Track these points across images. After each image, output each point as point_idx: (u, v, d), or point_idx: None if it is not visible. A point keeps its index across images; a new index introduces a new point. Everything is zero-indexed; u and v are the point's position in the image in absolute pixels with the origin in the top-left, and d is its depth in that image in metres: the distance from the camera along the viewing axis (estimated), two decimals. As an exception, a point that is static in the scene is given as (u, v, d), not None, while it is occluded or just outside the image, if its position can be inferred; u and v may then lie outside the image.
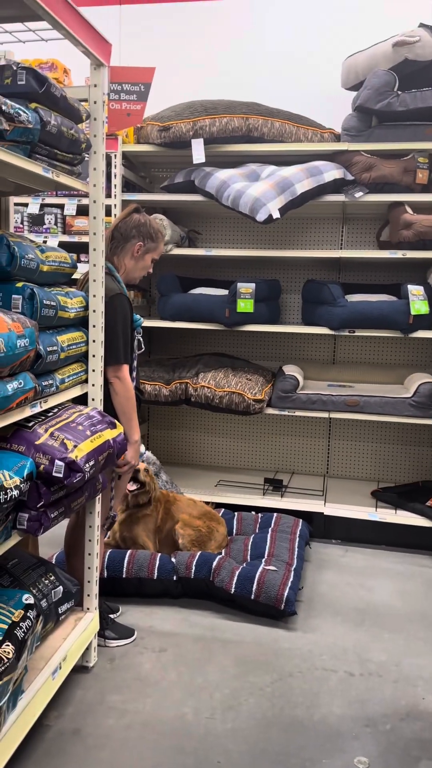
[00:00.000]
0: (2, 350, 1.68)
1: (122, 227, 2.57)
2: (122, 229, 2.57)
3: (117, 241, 2.57)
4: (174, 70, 4.31)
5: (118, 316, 2.44)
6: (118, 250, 2.59)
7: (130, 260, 2.61)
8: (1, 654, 1.66)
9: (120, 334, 2.44)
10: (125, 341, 2.46)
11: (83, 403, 2.41)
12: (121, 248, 2.58)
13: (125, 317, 2.47)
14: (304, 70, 4.20)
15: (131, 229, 2.56)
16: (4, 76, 1.93)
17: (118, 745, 2.11)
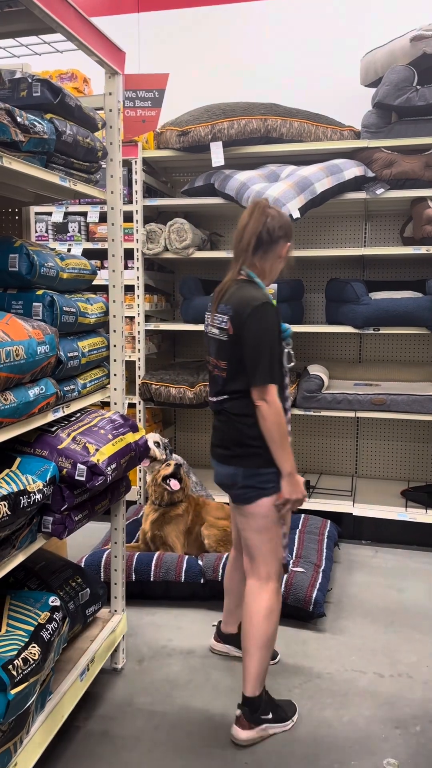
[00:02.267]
0: (23, 357, 1.72)
1: (270, 229, 2.18)
2: (270, 231, 2.18)
3: (264, 245, 2.19)
4: (193, 74, 4.34)
5: (264, 329, 2.08)
6: (263, 253, 2.21)
7: (278, 262, 2.26)
8: (27, 655, 1.69)
9: (267, 350, 2.07)
10: (272, 357, 2.08)
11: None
12: (268, 251, 2.21)
13: (273, 329, 2.10)
14: (323, 69, 4.19)
15: (278, 229, 2.20)
16: (19, 89, 1.97)
17: (146, 747, 2.13)
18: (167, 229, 3.88)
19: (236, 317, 2.10)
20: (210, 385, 2.29)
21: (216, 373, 2.22)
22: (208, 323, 2.24)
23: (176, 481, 3.18)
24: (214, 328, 2.19)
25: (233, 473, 2.18)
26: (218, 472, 2.25)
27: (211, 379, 2.28)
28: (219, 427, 2.24)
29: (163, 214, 4.36)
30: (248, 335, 2.08)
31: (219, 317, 2.17)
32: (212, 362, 2.23)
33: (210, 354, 2.25)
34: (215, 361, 2.21)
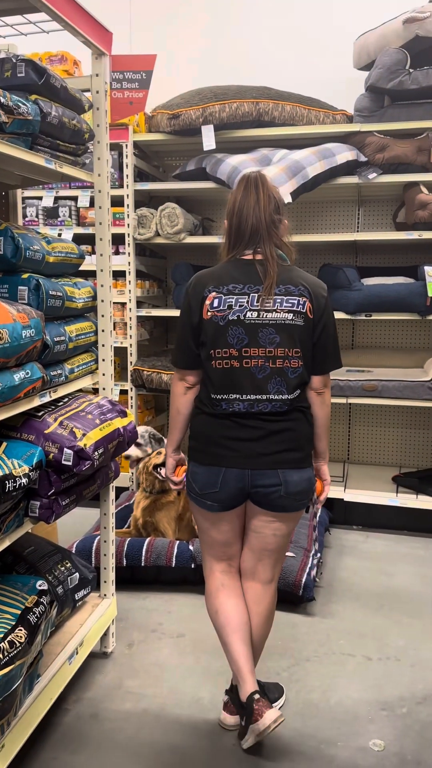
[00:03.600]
0: (7, 340, 1.71)
1: (279, 201, 2.00)
2: (279, 204, 2.00)
3: (277, 220, 1.98)
4: (185, 56, 4.29)
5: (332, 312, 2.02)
6: (281, 232, 2.00)
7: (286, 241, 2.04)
8: (14, 638, 1.70)
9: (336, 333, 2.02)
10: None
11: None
12: (279, 228, 1.99)
13: None
14: (315, 51, 4.14)
15: (280, 204, 2.00)
16: (3, 69, 1.94)
17: (135, 729, 2.14)
18: (158, 213, 3.85)
19: (316, 300, 1.93)
20: (258, 384, 1.90)
21: (279, 365, 1.90)
22: (251, 308, 1.89)
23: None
24: (276, 312, 1.89)
25: (311, 476, 2.01)
26: (293, 481, 1.94)
27: (260, 375, 1.90)
28: (289, 428, 1.93)
29: (155, 199, 4.32)
30: (329, 319, 1.97)
31: (288, 300, 1.90)
32: (265, 352, 1.89)
33: (253, 343, 1.89)
34: (279, 350, 1.89)
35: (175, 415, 2.07)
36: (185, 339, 1.98)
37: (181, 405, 2.05)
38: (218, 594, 2.07)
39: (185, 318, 1.98)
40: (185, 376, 2.02)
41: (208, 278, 1.96)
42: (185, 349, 1.98)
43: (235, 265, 1.96)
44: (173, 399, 2.05)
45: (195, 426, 2.02)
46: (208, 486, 1.97)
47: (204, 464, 1.97)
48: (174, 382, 2.05)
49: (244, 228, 1.95)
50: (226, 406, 1.93)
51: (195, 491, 2.01)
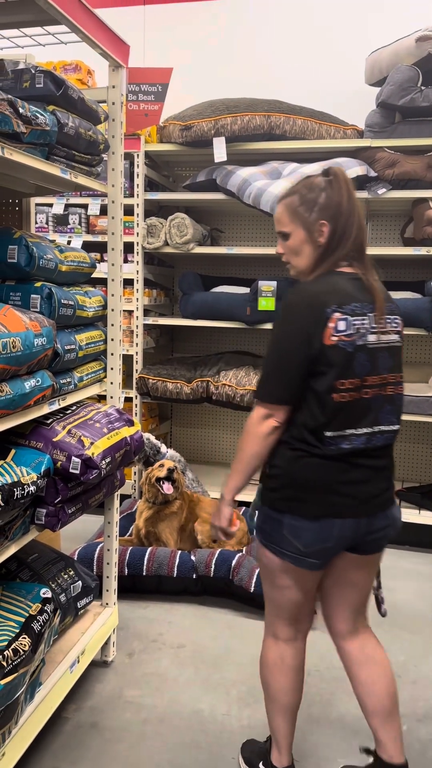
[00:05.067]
0: (20, 349, 1.72)
1: None
2: None
3: None
4: (197, 68, 4.32)
5: None
6: None
7: None
8: (18, 646, 1.70)
9: None
10: None
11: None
12: None
13: None
14: (327, 66, 4.18)
15: None
16: (22, 80, 1.96)
17: (134, 739, 2.14)
18: (168, 223, 3.87)
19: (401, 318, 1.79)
20: (373, 415, 1.68)
21: (389, 392, 1.71)
22: (371, 330, 1.66)
23: (169, 484, 3.18)
24: (388, 334, 1.70)
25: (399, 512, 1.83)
26: (397, 517, 1.79)
27: (374, 405, 1.68)
28: (389, 462, 1.75)
29: (164, 209, 4.35)
30: None
31: (394, 319, 1.73)
32: (380, 379, 1.69)
33: (374, 371, 1.67)
34: (390, 376, 1.72)
35: (248, 459, 1.71)
36: (289, 369, 1.63)
37: (263, 448, 1.69)
38: (274, 669, 1.84)
39: (295, 344, 1.61)
40: (277, 412, 1.66)
41: (327, 295, 1.62)
42: (287, 380, 1.63)
43: (344, 279, 1.67)
44: (251, 440, 1.68)
45: (300, 472, 1.67)
46: (319, 542, 1.67)
47: (314, 518, 1.65)
48: (256, 420, 1.67)
49: (349, 235, 1.69)
50: (342, 444, 1.64)
51: (295, 550, 1.68)
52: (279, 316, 1.67)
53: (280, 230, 1.76)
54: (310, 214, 1.69)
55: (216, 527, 1.80)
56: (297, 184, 1.74)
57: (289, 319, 1.65)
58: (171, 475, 3.18)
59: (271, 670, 1.84)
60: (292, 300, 1.66)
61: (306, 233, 1.71)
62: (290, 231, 1.73)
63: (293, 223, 1.72)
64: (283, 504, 1.69)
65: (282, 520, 1.69)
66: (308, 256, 1.73)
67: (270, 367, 1.67)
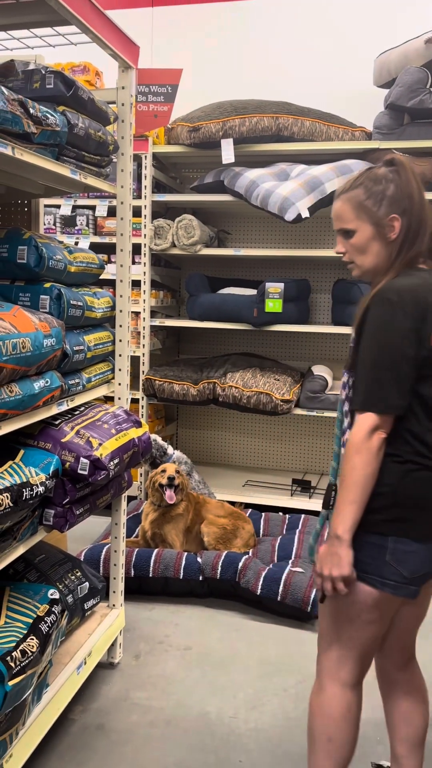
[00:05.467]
0: (29, 349, 1.72)
1: None
2: None
3: None
4: (205, 70, 4.33)
5: None
6: None
7: None
8: (26, 647, 1.69)
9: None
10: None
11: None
12: None
13: None
14: (336, 68, 4.17)
15: None
16: (33, 80, 1.96)
17: (141, 742, 2.13)
18: (175, 225, 3.87)
19: None
20: None
21: None
22: None
23: (171, 492, 3.17)
24: None
25: None
26: None
27: None
28: None
29: (172, 210, 4.35)
30: None
31: None
32: None
33: None
34: None
35: (364, 482, 1.46)
36: (402, 370, 1.45)
37: (375, 466, 1.47)
38: (342, 722, 1.60)
39: (405, 342, 1.44)
40: (385, 423, 1.47)
41: (421, 288, 1.50)
42: (402, 384, 1.45)
43: (428, 273, 1.55)
44: (364, 459, 1.45)
45: (410, 489, 1.50)
46: (425, 566, 1.50)
47: (423, 539, 1.49)
48: (364, 435, 1.45)
49: (424, 229, 1.55)
50: None
51: (399, 577, 1.49)
52: (374, 316, 1.47)
53: (342, 227, 1.59)
54: (379, 208, 1.53)
55: (334, 578, 1.48)
56: (359, 176, 1.57)
57: (394, 316, 1.44)
58: (172, 482, 3.17)
59: (339, 723, 1.59)
60: (390, 296, 1.46)
61: (375, 229, 1.55)
62: (355, 228, 1.56)
63: (359, 219, 1.56)
64: (387, 526, 1.49)
65: (385, 546, 1.49)
66: (377, 254, 1.56)
67: (380, 370, 1.45)
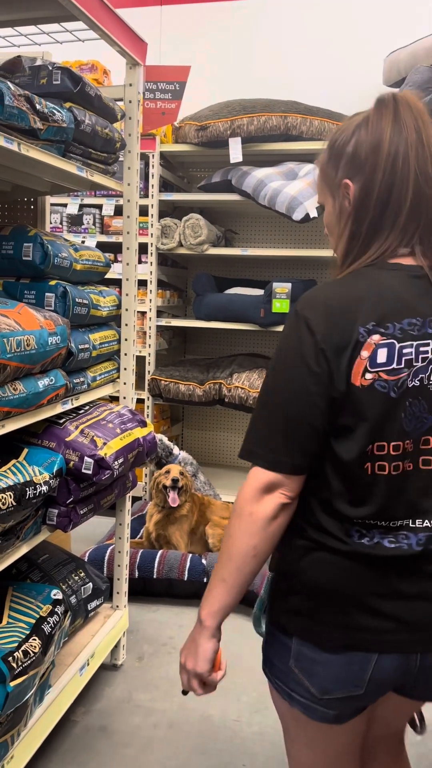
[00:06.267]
0: (33, 347, 1.70)
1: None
2: None
3: None
4: (213, 69, 4.31)
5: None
6: None
7: None
8: (28, 648, 1.68)
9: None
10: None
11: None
12: None
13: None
14: (345, 67, 4.15)
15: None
16: (40, 76, 1.95)
17: (144, 744, 2.11)
18: (182, 224, 3.85)
19: None
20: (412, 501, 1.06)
21: None
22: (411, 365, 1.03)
23: (175, 495, 3.15)
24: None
25: None
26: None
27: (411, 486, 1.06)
28: None
29: (179, 209, 4.33)
30: None
31: None
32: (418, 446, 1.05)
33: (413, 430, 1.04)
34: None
35: (240, 561, 1.08)
36: (299, 419, 1.04)
37: (263, 540, 1.06)
38: None
39: (305, 380, 1.03)
40: (284, 484, 1.05)
41: (359, 304, 1.03)
42: (296, 437, 1.04)
43: (396, 277, 1.05)
44: (243, 529, 1.07)
45: (311, 573, 1.09)
46: (341, 686, 1.08)
47: (334, 648, 1.07)
48: (251, 495, 1.06)
49: (400, 199, 1.04)
50: (384, 540, 1.06)
51: (308, 694, 1.11)
52: (281, 336, 1.08)
53: (318, 200, 1.21)
54: (336, 172, 1.11)
55: (190, 672, 1.15)
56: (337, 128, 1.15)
57: (296, 341, 1.04)
58: (176, 484, 3.15)
59: None
60: (300, 312, 1.05)
61: (333, 202, 1.13)
62: (322, 201, 1.18)
63: (323, 189, 1.16)
64: (290, 620, 1.12)
65: (289, 646, 1.12)
66: (338, 237, 1.13)
67: (270, 413, 1.06)
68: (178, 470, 3.20)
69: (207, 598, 1.12)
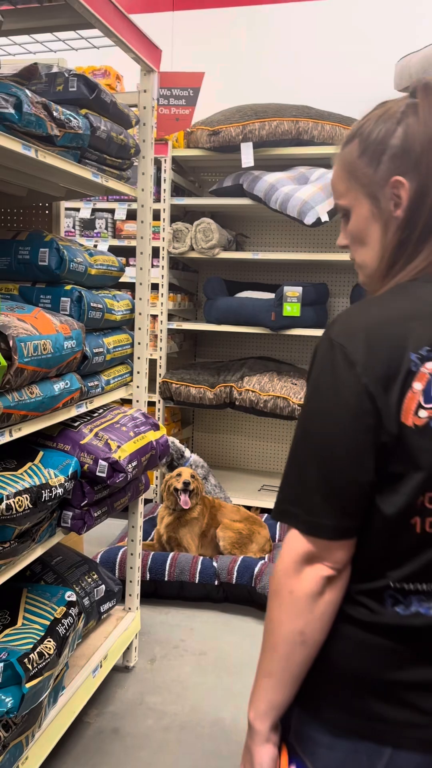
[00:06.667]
0: (50, 351, 1.72)
1: None
2: None
3: None
4: (225, 74, 4.33)
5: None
6: None
7: None
8: (43, 649, 1.69)
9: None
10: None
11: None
12: None
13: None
14: (356, 72, 4.16)
15: None
16: (56, 83, 1.97)
17: (156, 746, 2.12)
18: (194, 228, 3.87)
19: None
20: None
21: None
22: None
23: (186, 497, 3.16)
24: None
25: None
26: None
27: None
28: None
29: (190, 214, 4.35)
30: None
31: None
32: None
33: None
34: None
35: (287, 647, 0.90)
36: (336, 473, 0.87)
37: (310, 622, 0.89)
38: None
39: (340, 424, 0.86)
40: (328, 552, 0.88)
41: (403, 324, 0.86)
42: (337, 494, 0.87)
43: None
44: (286, 610, 0.90)
45: (327, 652, 0.92)
46: None
47: (343, 735, 0.91)
48: (289, 569, 0.90)
49: None
50: (423, 607, 0.88)
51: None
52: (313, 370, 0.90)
53: (337, 204, 1.01)
54: (377, 168, 0.94)
55: None
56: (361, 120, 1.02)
57: (330, 376, 0.87)
58: (187, 487, 3.16)
59: None
60: (334, 339, 0.88)
61: (371, 203, 0.94)
62: (348, 204, 0.98)
63: (350, 189, 0.97)
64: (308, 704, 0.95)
65: (289, 714, 0.97)
66: (377, 245, 0.95)
67: (304, 465, 0.89)
68: (189, 473, 3.21)
69: (253, 697, 0.95)
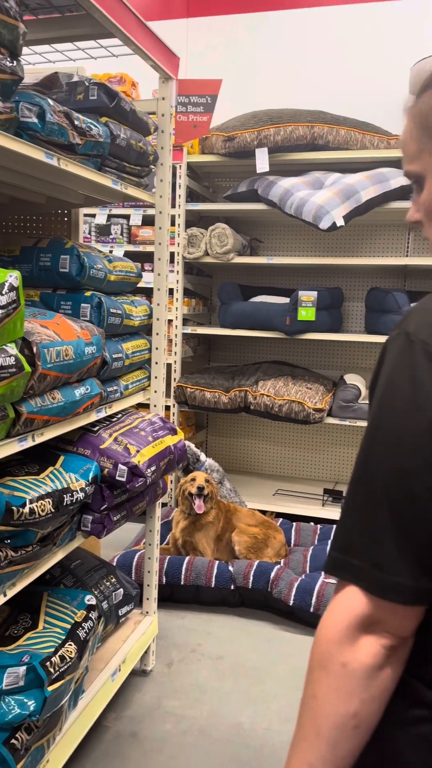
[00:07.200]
0: (72, 357, 1.73)
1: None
2: None
3: None
4: (239, 80, 4.35)
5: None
6: None
7: None
8: (64, 653, 1.70)
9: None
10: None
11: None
12: None
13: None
14: (371, 77, 4.16)
15: None
16: (76, 92, 1.99)
17: (174, 751, 2.12)
18: (208, 233, 3.89)
19: None
20: None
21: None
22: None
23: (200, 501, 3.17)
24: None
25: None
26: None
27: None
28: None
29: (205, 219, 4.37)
30: None
31: None
32: None
33: None
34: None
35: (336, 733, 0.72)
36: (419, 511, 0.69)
37: (366, 703, 0.72)
38: None
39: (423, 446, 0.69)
40: (394, 617, 0.71)
41: None
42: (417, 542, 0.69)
43: None
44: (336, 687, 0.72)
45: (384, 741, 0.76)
46: None
47: None
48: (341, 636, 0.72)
49: None
50: None
51: None
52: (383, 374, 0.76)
53: (407, 170, 0.86)
54: None
55: None
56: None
57: (408, 383, 0.71)
58: (201, 492, 3.17)
59: None
60: (414, 335, 0.72)
61: None
62: (420, 170, 0.82)
63: (426, 150, 0.81)
64: None
65: None
66: None
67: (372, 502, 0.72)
68: (203, 477, 3.22)
69: None
